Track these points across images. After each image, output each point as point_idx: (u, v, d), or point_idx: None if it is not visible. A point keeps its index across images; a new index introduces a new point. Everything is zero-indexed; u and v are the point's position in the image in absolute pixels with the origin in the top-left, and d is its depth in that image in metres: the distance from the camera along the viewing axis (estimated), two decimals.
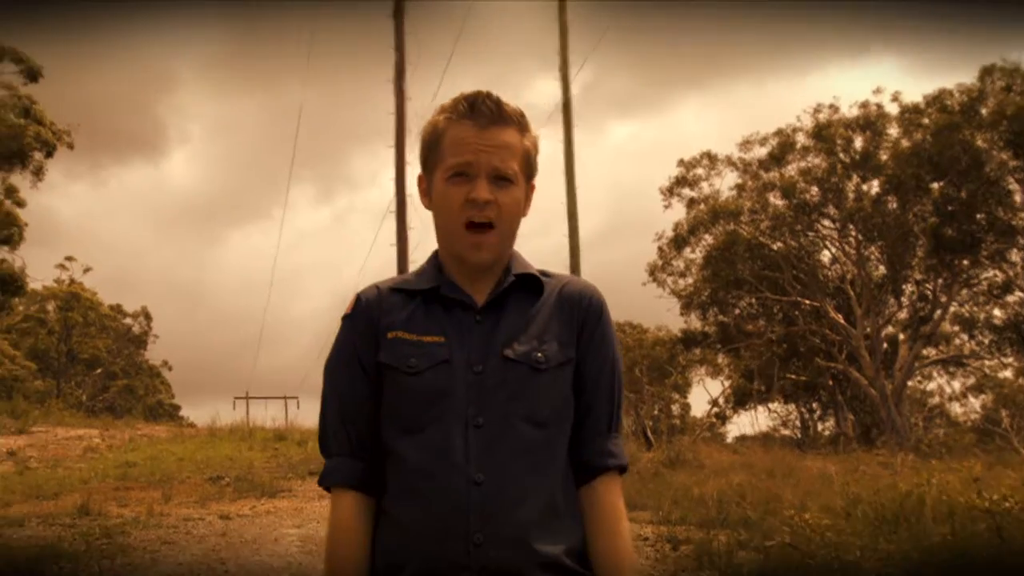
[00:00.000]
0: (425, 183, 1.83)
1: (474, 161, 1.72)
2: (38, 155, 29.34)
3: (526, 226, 1.84)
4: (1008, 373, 38.73)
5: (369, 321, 1.78)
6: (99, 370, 51.22)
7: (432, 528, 1.64)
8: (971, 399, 42.31)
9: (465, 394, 1.69)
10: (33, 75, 28.63)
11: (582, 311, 1.81)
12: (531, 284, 1.81)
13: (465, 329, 1.75)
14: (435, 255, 1.86)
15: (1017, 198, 25.90)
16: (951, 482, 6.53)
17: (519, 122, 1.78)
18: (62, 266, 47.96)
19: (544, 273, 1.85)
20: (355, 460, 1.77)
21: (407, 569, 1.65)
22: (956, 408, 42.16)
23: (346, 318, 1.83)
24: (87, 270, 49.41)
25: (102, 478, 14.54)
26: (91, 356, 50.12)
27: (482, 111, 1.74)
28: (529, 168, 1.80)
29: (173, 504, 11.48)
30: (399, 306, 1.79)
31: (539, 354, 1.73)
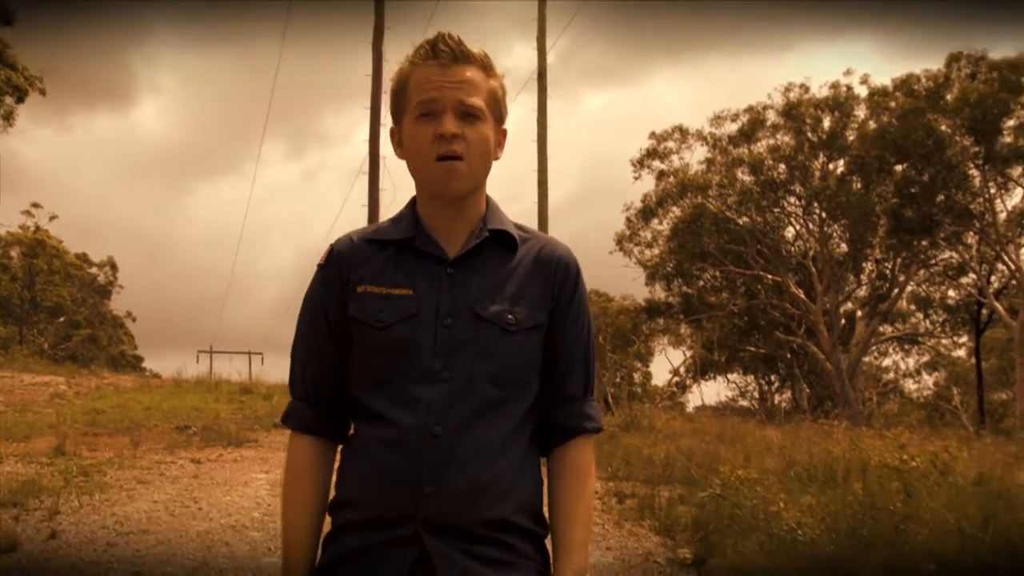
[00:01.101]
0: (397, 134, 1.83)
1: (439, 97, 1.73)
2: (8, 100, 29.08)
3: (498, 192, 1.87)
4: (961, 352, 39.77)
5: (339, 274, 1.79)
6: (62, 319, 50.85)
7: (386, 476, 1.67)
8: (925, 376, 43.41)
9: (432, 347, 1.71)
10: (7, 18, 28.29)
11: (560, 277, 1.82)
12: (505, 240, 1.82)
13: (435, 281, 1.76)
14: (413, 202, 1.86)
15: (976, 183, 26.52)
16: (877, 447, 7.02)
17: (482, 62, 1.78)
18: (28, 212, 47.37)
19: (520, 228, 1.86)
20: (316, 407, 1.81)
21: (358, 512, 1.69)
22: (910, 384, 43.21)
23: (319, 268, 1.84)
24: (53, 218, 48.78)
25: (70, 424, 14.75)
26: (55, 304, 49.67)
27: (443, 51, 1.75)
28: (497, 109, 1.81)
29: (142, 451, 11.77)
30: (370, 258, 1.80)
31: (510, 316, 1.75)
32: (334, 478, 1.80)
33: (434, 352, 1.70)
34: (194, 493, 7.77)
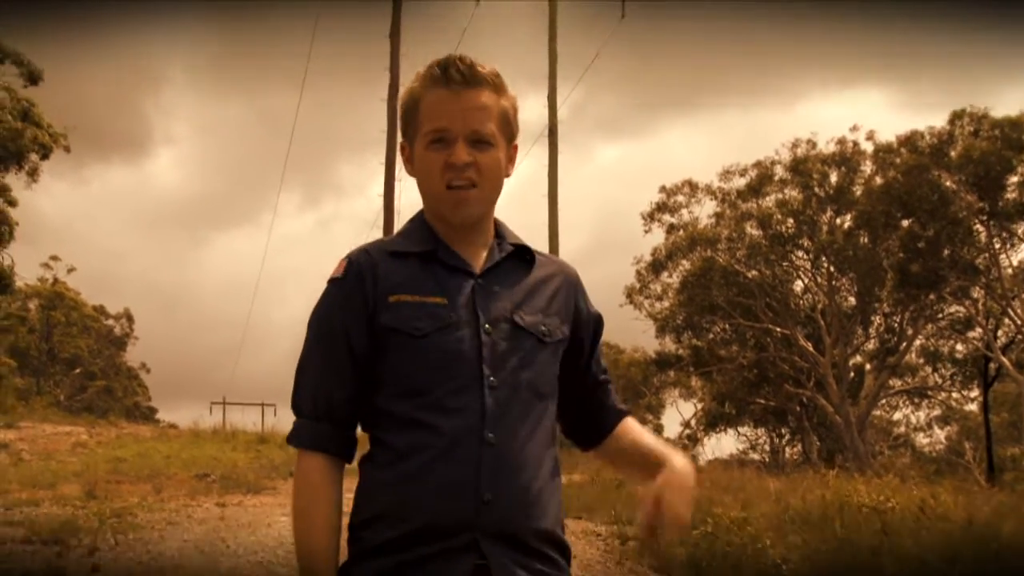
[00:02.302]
0: (408, 150, 1.84)
1: (450, 126, 1.73)
2: (34, 157, 29.79)
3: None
4: (973, 407, 39.76)
5: (362, 286, 1.75)
6: (78, 370, 51.29)
7: (443, 485, 1.63)
8: (937, 430, 43.31)
9: (478, 354, 1.70)
10: (33, 78, 29.08)
11: (578, 294, 1.90)
12: (522, 256, 1.85)
13: (466, 293, 1.75)
14: (421, 217, 1.85)
15: (982, 238, 26.93)
16: (862, 491, 7.42)
17: (494, 83, 1.78)
18: (47, 265, 48.06)
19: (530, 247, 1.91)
20: (325, 423, 1.75)
21: (411, 522, 1.64)
22: (922, 439, 43.08)
23: (335, 282, 1.79)
24: (71, 270, 49.51)
25: (94, 472, 15.22)
26: (72, 356, 50.16)
27: (454, 76, 1.74)
28: (508, 129, 1.81)
29: (164, 497, 12.22)
30: (395, 268, 1.77)
31: (543, 327, 1.78)
32: (349, 495, 1.76)
33: (481, 359, 1.70)
34: (221, 534, 8.22)
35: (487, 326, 1.72)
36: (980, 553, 5.71)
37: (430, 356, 1.70)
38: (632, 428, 1.93)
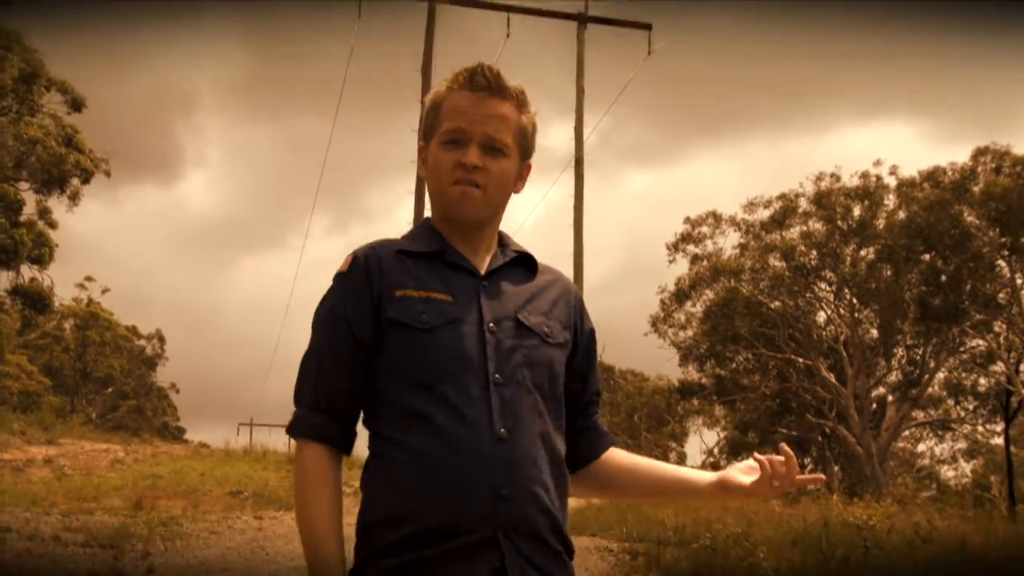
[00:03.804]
0: (424, 152, 1.87)
1: (467, 128, 1.77)
2: (75, 181, 30.61)
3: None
4: (1000, 440, 39.64)
5: (368, 280, 1.77)
6: (111, 389, 52.02)
7: (457, 481, 1.63)
8: (962, 463, 43.21)
9: (482, 351, 1.72)
10: (77, 106, 29.91)
11: (580, 308, 1.91)
12: (527, 263, 1.88)
13: (471, 292, 1.78)
14: (427, 223, 1.89)
15: (1005, 273, 27.20)
16: (858, 513, 7.93)
17: (517, 98, 1.82)
18: (81, 285, 48.80)
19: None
20: (326, 415, 1.75)
21: (426, 521, 1.63)
22: (948, 472, 42.95)
23: (340, 277, 1.82)
24: (105, 291, 50.20)
25: (132, 487, 15.87)
26: (105, 375, 50.88)
27: (479, 82, 1.79)
28: (524, 144, 1.84)
29: (202, 511, 12.84)
30: (401, 265, 1.79)
31: (547, 328, 1.80)
32: (353, 497, 1.78)
33: (486, 356, 1.72)
34: (260, 543, 8.84)
35: (491, 324, 1.75)
36: (960, 571, 6.20)
37: (436, 350, 1.72)
38: (630, 454, 1.95)
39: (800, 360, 31.73)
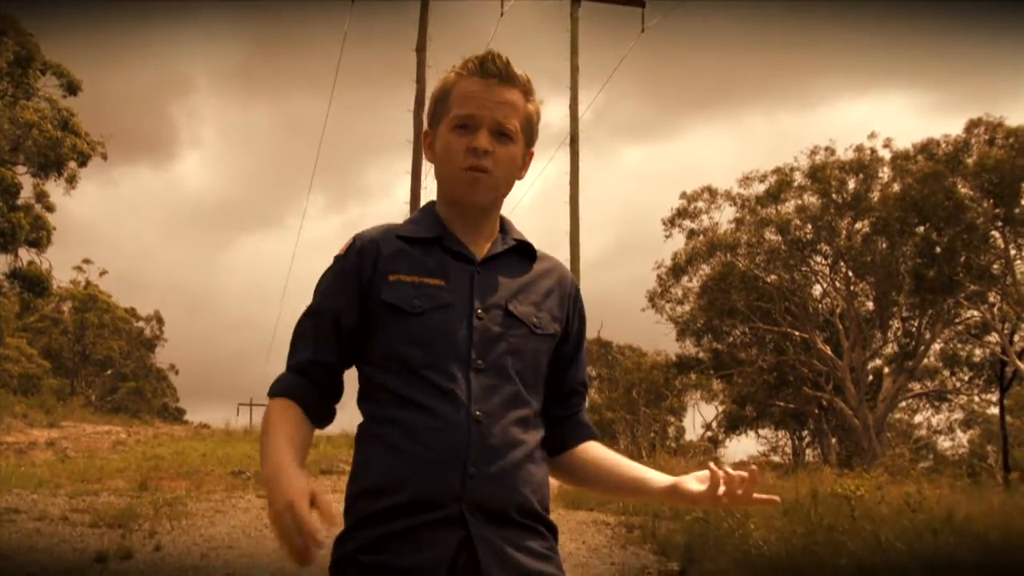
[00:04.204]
0: (430, 137, 1.91)
1: (477, 114, 1.81)
2: (72, 164, 30.62)
3: (534, 244, 1.95)
4: (996, 410, 39.92)
5: (361, 264, 1.83)
6: (110, 371, 52.13)
7: (432, 458, 1.69)
8: (959, 433, 43.53)
9: (468, 336, 1.77)
10: (73, 89, 29.87)
11: (574, 297, 1.94)
12: (525, 252, 1.92)
13: (465, 278, 1.82)
14: (431, 207, 1.93)
15: (1000, 244, 27.34)
16: (850, 485, 8.10)
17: (524, 86, 1.86)
18: (79, 268, 48.78)
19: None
20: (301, 377, 1.82)
21: (401, 494, 1.68)
22: (945, 442, 43.28)
23: (337, 258, 1.87)
24: (103, 273, 50.13)
25: (135, 468, 16.07)
26: (104, 357, 50.97)
27: (490, 69, 1.82)
28: (529, 132, 1.89)
29: (205, 491, 13.01)
30: (399, 250, 1.84)
31: (536, 319, 1.84)
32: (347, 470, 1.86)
33: (471, 342, 1.76)
34: (264, 520, 8.99)
35: (480, 311, 1.79)
36: (944, 541, 6.39)
37: (424, 333, 1.77)
38: (605, 449, 1.96)
39: (797, 333, 31.93)
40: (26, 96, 27.44)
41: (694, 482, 1.81)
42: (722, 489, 1.72)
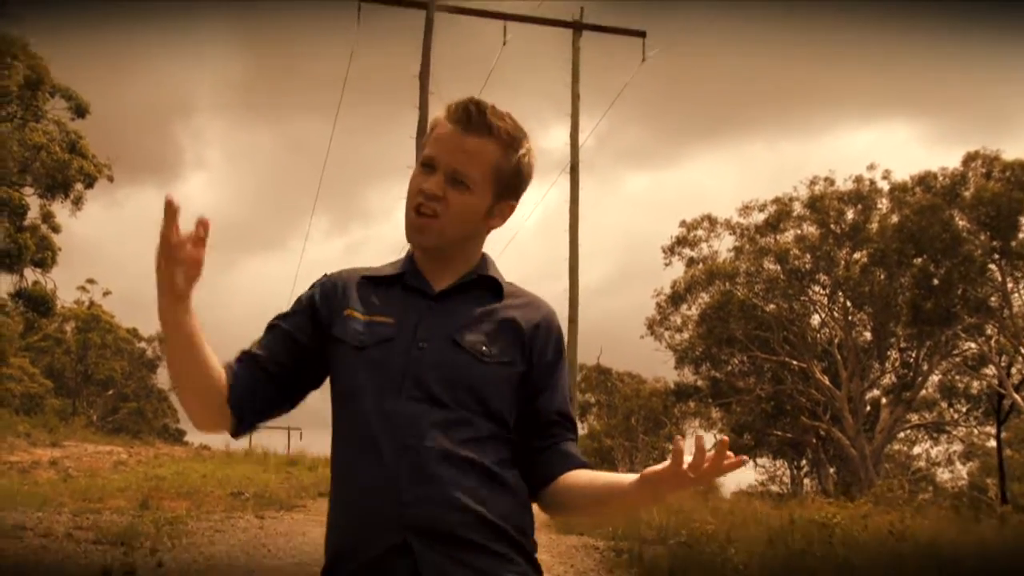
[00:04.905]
0: None
1: (436, 157, 1.81)
2: (79, 186, 30.84)
3: (534, 271, 2.18)
4: (995, 443, 39.78)
5: (323, 299, 1.88)
6: (111, 391, 52.21)
7: (368, 490, 1.70)
8: (959, 465, 43.44)
9: (403, 367, 1.76)
10: (81, 112, 30.14)
11: (546, 329, 1.89)
12: (492, 287, 1.90)
13: (418, 312, 1.83)
14: (410, 250, 1.95)
15: (998, 276, 27.51)
16: (827, 512, 8.32)
17: (501, 137, 1.82)
18: (83, 288, 48.91)
19: (510, 284, 1.94)
20: (249, 369, 1.84)
21: (338, 543, 1.74)
22: (944, 474, 43.18)
23: (308, 288, 1.94)
24: (106, 293, 50.27)
25: (136, 488, 16.22)
26: (106, 377, 51.04)
27: (461, 116, 1.82)
28: (501, 184, 1.85)
29: (204, 511, 13.20)
30: (360, 289, 1.87)
31: (484, 348, 1.81)
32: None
33: (404, 372, 1.75)
34: (262, 540, 9.25)
35: (422, 343, 1.79)
36: (925, 567, 6.58)
37: (363, 366, 1.78)
38: (586, 471, 1.86)
39: (795, 363, 32.04)
40: (35, 118, 27.72)
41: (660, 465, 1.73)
42: (688, 459, 1.62)
